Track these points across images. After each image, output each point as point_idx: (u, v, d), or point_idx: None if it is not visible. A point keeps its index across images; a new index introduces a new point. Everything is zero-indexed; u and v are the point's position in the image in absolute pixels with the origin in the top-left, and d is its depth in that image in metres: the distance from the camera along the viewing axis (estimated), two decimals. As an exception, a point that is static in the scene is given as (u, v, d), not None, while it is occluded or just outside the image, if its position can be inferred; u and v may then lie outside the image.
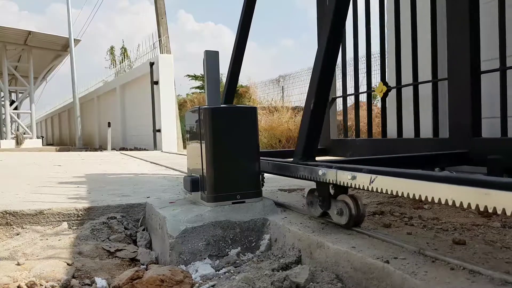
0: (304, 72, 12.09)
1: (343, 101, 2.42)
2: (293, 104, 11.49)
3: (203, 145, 1.49)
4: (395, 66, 1.99)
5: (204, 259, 1.37)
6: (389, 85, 2.07)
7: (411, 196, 0.92)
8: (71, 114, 19.37)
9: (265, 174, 1.70)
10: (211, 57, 1.56)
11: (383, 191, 1.00)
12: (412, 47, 1.90)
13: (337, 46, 1.42)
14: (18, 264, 1.31)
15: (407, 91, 1.99)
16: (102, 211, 1.79)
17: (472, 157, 1.53)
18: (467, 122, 1.55)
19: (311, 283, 1.04)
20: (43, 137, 23.30)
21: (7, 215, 1.68)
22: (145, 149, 10.64)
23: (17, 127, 18.07)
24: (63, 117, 23.81)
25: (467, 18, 1.53)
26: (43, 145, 17.15)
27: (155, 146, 10.28)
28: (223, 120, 1.49)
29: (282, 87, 13.38)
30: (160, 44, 11.03)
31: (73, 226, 1.73)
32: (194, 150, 1.59)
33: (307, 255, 1.20)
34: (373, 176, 1.04)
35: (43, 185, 2.63)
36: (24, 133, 16.84)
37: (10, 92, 16.63)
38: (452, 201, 0.82)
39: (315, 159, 1.41)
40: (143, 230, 1.75)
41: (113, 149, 11.67)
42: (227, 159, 1.49)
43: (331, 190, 1.27)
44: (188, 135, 1.66)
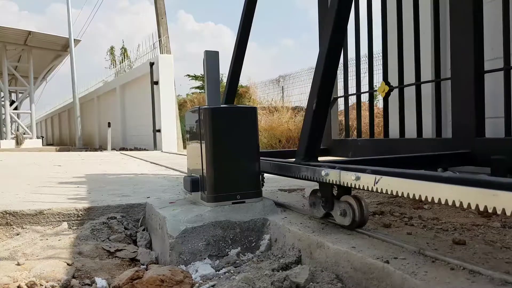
0: (304, 72, 12.06)
1: (345, 101, 2.42)
2: (293, 104, 11.47)
3: (203, 145, 1.49)
4: (397, 66, 1.99)
5: (204, 259, 1.37)
6: (391, 84, 2.07)
7: (417, 198, 0.91)
8: (71, 114, 19.38)
9: (265, 174, 1.70)
10: (211, 57, 1.56)
11: (388, 192, 0.99)
12: (414, 46, 1.89)
13: (339, 46, 1.41)
14: (18, 264, 1.31)
15: (409, 91, 1.99)
16: (102, 211, 1.79)
17: (475, 157, 1.52)
18: (470, 122, 1.54)
19: (311, 283, 1.03)
20: (43, 137, 23.29)
21: (7, 215, 1.68)
22: (145, 149, 10.64)
23: (17, 127, 18.07)
24: (63, 117, 23.82)
25: (471, 17, 1.52)
26: (43, 145, 17.15)
27: (155, 146, 10.28)
28: (223, 120, 1.48)
29: (282, 87, 13.35)
30: (160, 44, 11.03)
31: (73, 226, 1.73)
32: (194, 150, 1.58)
33: (307, 255, 1.20)
34: (378, 176, 1.02)
35: (43, 185, 2.63)
36: (24, 133, 16.84)
37: (10, 92, 16.64)
38: (459, 202, 0.81)
39: (317, 159, 1.40)
40: (143, 230, 1.75)
41: (113, 149, 11.67)
42: (227, 159, 1.49)
43: (334, 191, 1.26)
44: (188, 135, 1.66)
